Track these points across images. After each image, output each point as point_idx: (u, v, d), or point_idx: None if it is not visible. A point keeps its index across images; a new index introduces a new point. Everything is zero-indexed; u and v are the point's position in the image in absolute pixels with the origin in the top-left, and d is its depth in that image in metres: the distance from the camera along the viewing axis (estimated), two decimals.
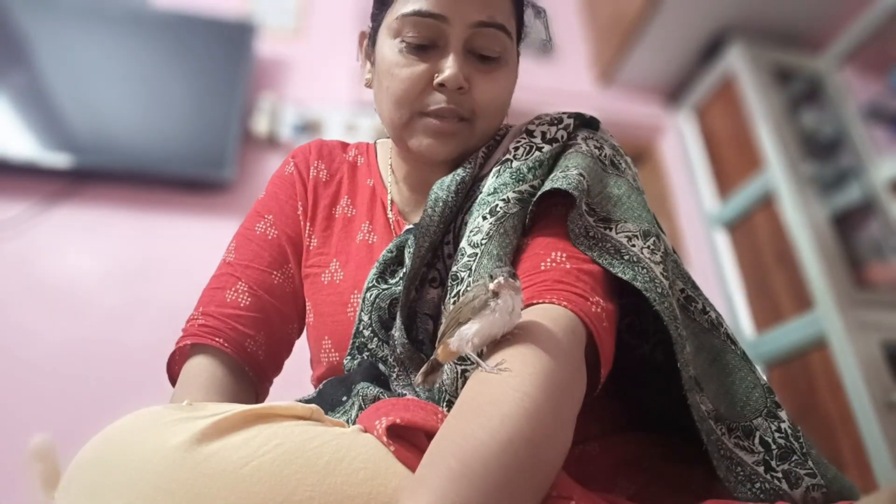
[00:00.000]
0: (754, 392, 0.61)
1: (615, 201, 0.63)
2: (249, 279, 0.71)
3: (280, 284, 0.73)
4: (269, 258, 0.73)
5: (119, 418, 0.44)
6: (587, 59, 2.78)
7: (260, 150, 2.13)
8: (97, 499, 0.38)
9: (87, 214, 1.92)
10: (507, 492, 0.38)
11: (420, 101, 0.65)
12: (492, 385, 0.45)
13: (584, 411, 0.50)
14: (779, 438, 0.58)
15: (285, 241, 0.74)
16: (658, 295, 0.56)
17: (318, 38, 2.38)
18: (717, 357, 0.62)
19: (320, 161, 0.79)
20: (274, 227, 0.75)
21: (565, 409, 0.46)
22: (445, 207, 0.65)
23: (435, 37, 0.64)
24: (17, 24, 2.00)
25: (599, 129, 0.72)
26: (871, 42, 2.31)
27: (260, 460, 0.39)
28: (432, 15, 0.63)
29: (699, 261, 2.43)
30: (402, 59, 0.65)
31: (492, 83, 0.67)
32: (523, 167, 0.64)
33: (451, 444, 0.40)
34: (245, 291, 0.70)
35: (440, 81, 0.64)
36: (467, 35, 0.65)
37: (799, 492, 0.56)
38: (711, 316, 0.64)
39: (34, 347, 1.70)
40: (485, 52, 0.66)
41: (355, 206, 0.76)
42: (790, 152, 2.19)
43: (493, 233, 0.60)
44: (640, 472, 0.61)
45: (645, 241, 0.60)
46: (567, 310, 0.52)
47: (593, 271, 0.58)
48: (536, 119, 0.70)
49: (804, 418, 1.90)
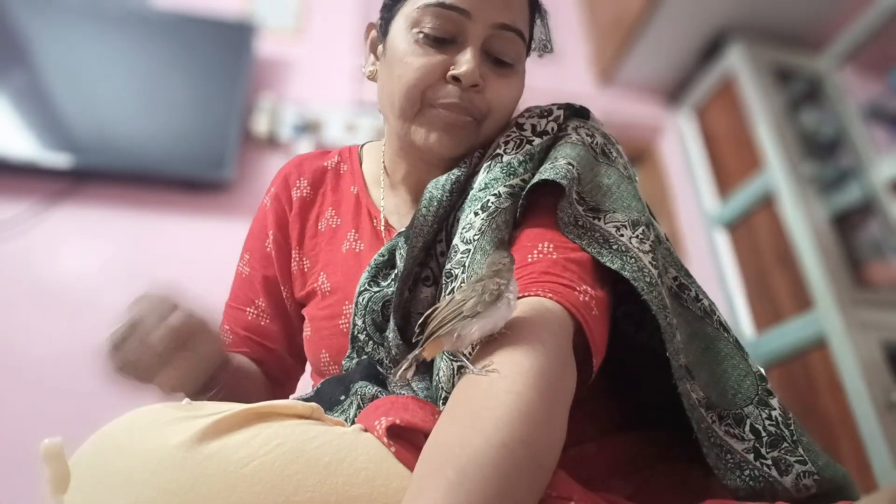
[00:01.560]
0: (746, 380, 0.60)
1: (605, 191, 0.63)
2: (229, 319, 0.78)
3: (254, 320, 0.77)
4: (243, 297, 0.78)
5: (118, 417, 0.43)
6: (587, 59, 2.78)
7: (260, 150, 2.12)
8: (96, 498, 0.38)
9: (87, 214, 1.92)
10: (506, 495, 0.38)
11: (432, 92, 0.65)
12: (483, 387, 0.44)
13: (580, 413, 0.50)
14: (769, 426, 0.58)
15: (255, 278, 0.78)
16: (647, 284, 0.56)
17: (318, 38, 2.38)
18: (710, 345, 0.62)
19: (301, 178, 0.79)
20: (248, 265, 0.79)
21: (558, 406, 0.46)
22: (440, 207, 0.64)
23: (455, 31, 0.64)
24: (17, 24, 2.00)
25: (590, 119, 0.71)
26: (871, 42, 2.31)
27: (261, 460, 0.39)
28: (456, 8, 0.63)
29: (699, 261, 2.43)
30: (418, 48, 0.64)
31: (504, 87, 0.67)
32: (514, 161, 0.64)
33: (445, 452, 0.39)
34: (227, 331, 0.77)
35: (456, 74, 0.63)
36: (487, 35, 0.64)
37: (789, 479, 0.56)
38: (704, 304, 0.64)
39: (34, 347, 1.70)
40: (501, 55, 0.66)
41: (340, 215, 0.76)
42: (790, 152, 2.19)
43: (486, 228, 0.60)
44: (637, 473, 0.61)
45: (633, 230, 0.60)
46: (554, 302, 0.52)
47: (581, 259, 0.57)
48: (526, 112, 0.70)
49: (804, 418, 1.89)
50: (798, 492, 0.56)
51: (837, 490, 0.58)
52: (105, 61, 2.05)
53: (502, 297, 0.46)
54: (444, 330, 0.47)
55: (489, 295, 0.46)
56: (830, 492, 0.58)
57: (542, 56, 0.75)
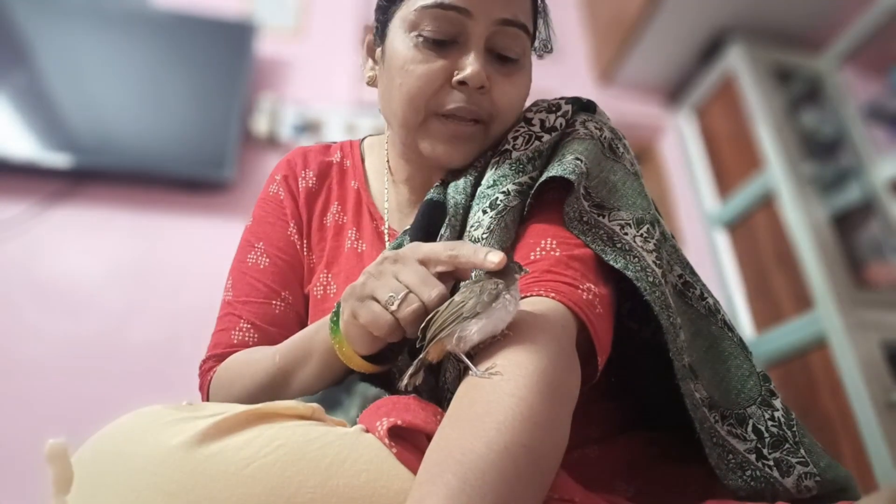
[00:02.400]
0: (749, 380, 0.60)
1: (610, 188, 0.62)
2: (251, 315, 0.69)
3: (282, 313, 0.70)
4: (265, 290, 0.70)
5: (118, 417, 0.43)
6: (587, 59, 2.78)
7: (260, 150, 2.12)
8: (95, 498, 0.38)
9: (87, 214, 1.92)
10: (509, 500, 0.38)
11: (436, 100, 0.62)
12: (485, 391, 0.43)
13: (583, 415, 0.49)
14: (771, 427, 0.58)
15: (279, 268, 0.72)
16: (649, 284, 0.55)
17: (318, 38, 2.38)
18: (714, 344, 0.62)
19: (307, 170, 0.76)
20: (265, 255, 0.72)
21: (561, 408, 0.45)
22: (466, 212, 0.63)
23: (456, 32, 0.61)
24: (17, 24, 2.00)
25: (597, 112, 0.70)
26: (871, 42, 2.31)
27: (262, 461, 0.39)
28: (456, 8, 0.60)
29: (699, 261, 2.42)
30: (418, 54, 0.62)
31: (511, 86, 0.64)
32: (523, 157, 0.63)
33: (447, 458, 0.39)
34: (249, 329, 0.69)
35: (461, 79, 0.61)
36: (490, 32, 0.62)
37: (791, 480, 0.55)
38: (709, 302, 0.63)
39: (34, 347, 1.70)
40: (505, 52, 0.63)
41: (345, 211, 0.74)
42: (790, 152, 2.19)
43: (495, 227, 0.59)
44: (639, 474, 0.61)
45: (638, 228, 0.59)
46: (556, 301, 0.51)
47: (585, 256, 0.57)
48: (534, 106, 0.68)
49: (804, 418, 1.87)
50: (799, 493, 0.56)
51: (839, 491, 0.58)
52: (105, 61, 2.05)
53: (501, 297, 0.46)
54: (445, 332, 0.47)
55: (487, 295, 0.46)
56: (832, 493, 0.58)
57: (542, 57, 0.74)
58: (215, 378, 0.66)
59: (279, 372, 0.60)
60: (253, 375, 0.62)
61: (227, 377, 0.65)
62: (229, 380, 0.64)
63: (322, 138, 2.15)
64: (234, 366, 0.65)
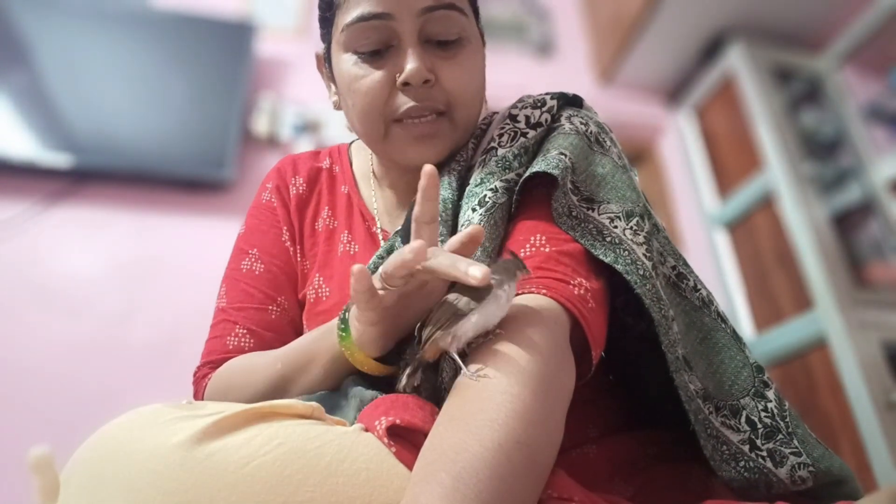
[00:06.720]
0: (743, 371, 0.60)
1: (599, 181, 0.62)
2: (247, 321, 0.69)
3: (278, 319, 0.71)
4: (260, 296, 0.71)
5: (118, 416, 0.43)
6: (587, 59, 2.78)
7: (260, 150, 2.12)
8: (95, 498, 0.38)
9: (87, 214, 1.92)
10: (503, 498, 0.38)
11: (390, 108, 0.63)
12: (477, 388, 0.44)
13: (582, 414, 0.49)
14: (765, 417, 0.58)
15: (273, 274, 0.72)
16: (639, 277, 0.55)
17: (318, 38, 2.38)
18: (708, 335, 0.62)
19: (297, 177, 0.76)
20: (259, 261, 0.72)
21: (555, 405, 0.46)
22: (455, 208, 0.63)
23: (386, 38, 0.62)
24: (17, 24, 2.00)
25: (583, 107, 0.70)
26: (871, 42, 2.31)
27: (261, 460, 0.39)
28: (376, 16, 0.60)
29: (699, 261, 2.43)
30: (359, 70, 0.63)
31: (458, 68, 0.64)
32: (509, 154, 0.63)
33: (441, 457, 0.39)
34: (245, 334, 0.68)
35: (403, 80, 0.61)
36: (418, 25, 0.61)
37: (784, 470, 0.55)
38: (703, 293, 0.63)
39: (34, 347, 1.70)
40: (442, 36, 0.63)
41: (336, 216, 0.74)
42: (790, 152, 2.19)
43: (484, 224, 0.59)
44: (638, 473, 0.61)
45: (628, 221, 0.59)
46: (548, 298, 0.52)
47: (575, 251, 0.57)
48: (519, 102, 0.68)
49: (804, 418, 1.88)
50: (794, 483, 0.56)
51: (836, 483, 0.58)
52: (105, 61, 2.05)
53: (493, 292, 0.46)
54: (440, 332, 0.47)
55: (481, 291, 0.46)
56: (829, 484, 0.58)
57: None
58: (211, 384, 0.66)
59: (281, 379, 0.60)
60: (253, 382, 0.62)
61: (224, 383, 0.65)
62: (226, 386, 0.64)
63: (322, 138, 2.15)
64: (231, 372, 0.65)
